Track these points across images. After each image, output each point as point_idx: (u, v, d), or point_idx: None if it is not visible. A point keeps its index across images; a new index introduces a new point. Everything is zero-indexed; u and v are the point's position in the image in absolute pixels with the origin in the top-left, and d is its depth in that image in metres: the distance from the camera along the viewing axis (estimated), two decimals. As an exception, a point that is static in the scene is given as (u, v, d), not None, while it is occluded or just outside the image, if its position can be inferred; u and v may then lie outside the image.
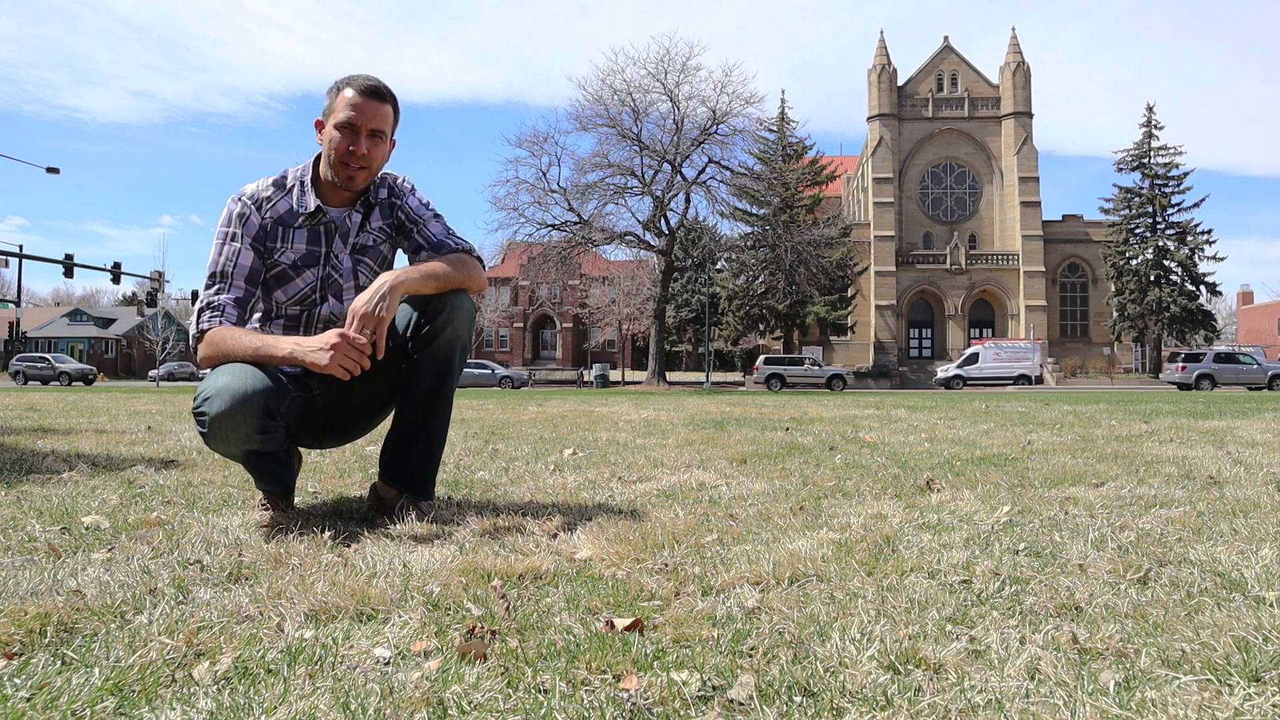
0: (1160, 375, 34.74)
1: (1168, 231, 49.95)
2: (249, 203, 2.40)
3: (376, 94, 2.36)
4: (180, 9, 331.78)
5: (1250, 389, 30.65)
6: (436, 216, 2.56)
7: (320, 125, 2.40)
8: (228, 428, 2.10)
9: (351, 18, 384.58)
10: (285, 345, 2.17)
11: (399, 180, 2.57)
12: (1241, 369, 32.34)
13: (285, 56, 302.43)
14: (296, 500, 2.74)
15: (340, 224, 2.47)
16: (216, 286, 2.34)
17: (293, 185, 2.45)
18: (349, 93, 2.34)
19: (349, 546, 2.03)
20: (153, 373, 47.89)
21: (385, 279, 2.23)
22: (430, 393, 2.39)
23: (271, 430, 2.19)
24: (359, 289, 2.48)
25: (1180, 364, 32.90)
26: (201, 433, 2.14)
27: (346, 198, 2.48)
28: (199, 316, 2.33)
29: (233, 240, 2.36)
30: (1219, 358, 32.87)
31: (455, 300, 2.38)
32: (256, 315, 2.45)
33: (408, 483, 2.45)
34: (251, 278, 2.37)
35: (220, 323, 2.29)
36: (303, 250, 2.43)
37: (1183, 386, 31.62)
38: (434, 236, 2.51)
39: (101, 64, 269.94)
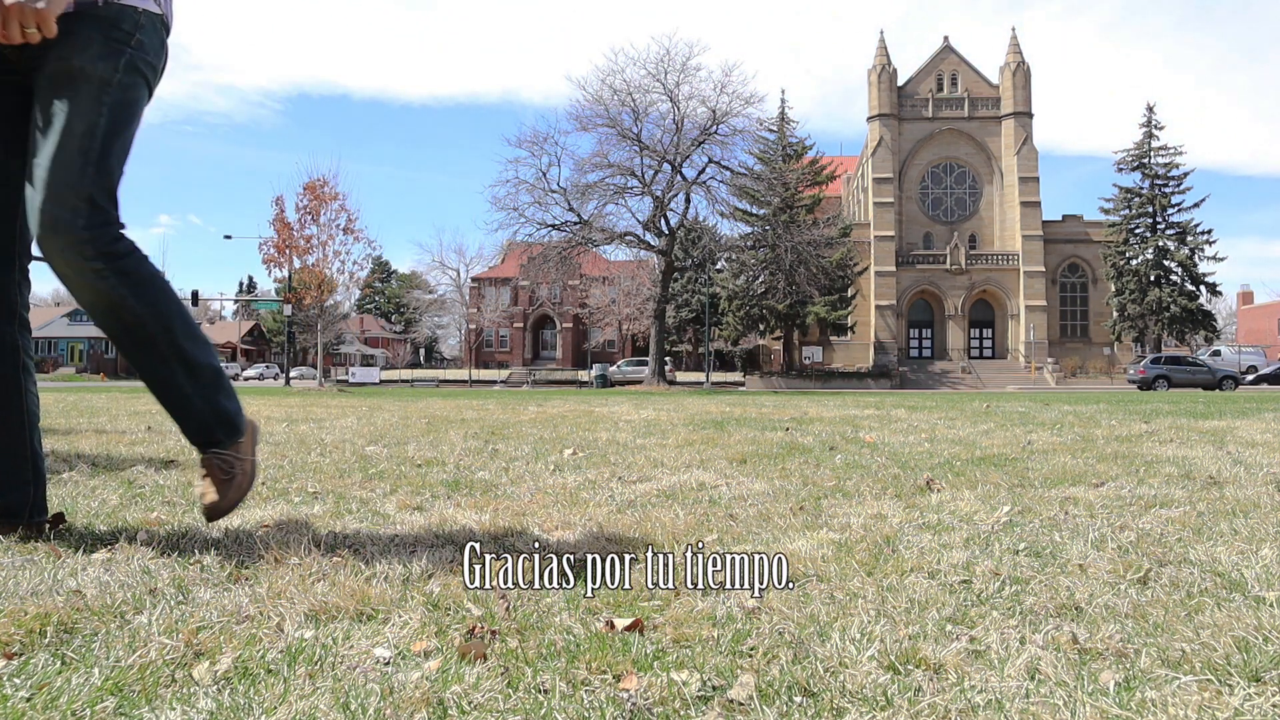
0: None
1: (1168, 231, 49.89)
2: None
3: None
4: (174, 7, 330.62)
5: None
6: None
7: None
8: None
9: (347, 16, 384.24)
10: None
11: None
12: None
13: (281, 55, 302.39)
14: (295, 500, 2.75)
15: None
16: None
17: None
18: None
19: (349, 546, 2.03)
20: (153, 373, 47.82)
21: None
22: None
23: None
24: None
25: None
26: None
27: None
28: None
29: None
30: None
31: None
32: None
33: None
34: None
35: None
36: None
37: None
38: None
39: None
